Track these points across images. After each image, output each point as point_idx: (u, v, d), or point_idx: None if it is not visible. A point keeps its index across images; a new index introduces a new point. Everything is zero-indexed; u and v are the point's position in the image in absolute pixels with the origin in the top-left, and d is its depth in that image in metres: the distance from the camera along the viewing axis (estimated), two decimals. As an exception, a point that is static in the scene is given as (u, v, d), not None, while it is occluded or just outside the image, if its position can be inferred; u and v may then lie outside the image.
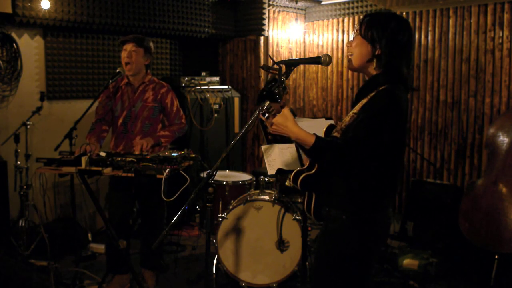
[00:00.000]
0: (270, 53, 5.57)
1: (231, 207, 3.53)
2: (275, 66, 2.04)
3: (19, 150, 3.97)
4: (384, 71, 2.00)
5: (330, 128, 2.17)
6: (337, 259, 2.05)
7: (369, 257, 2.06)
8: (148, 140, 3.25)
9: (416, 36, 4.69)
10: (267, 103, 1.98)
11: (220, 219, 3.46)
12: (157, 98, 3.48)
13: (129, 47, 3.40)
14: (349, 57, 2.11)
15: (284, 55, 5.76)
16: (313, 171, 2.10)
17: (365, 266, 2.07)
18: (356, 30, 2.07)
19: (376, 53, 1.99)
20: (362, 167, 1.94)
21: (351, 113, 2.02)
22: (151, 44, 3.52)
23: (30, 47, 4.35)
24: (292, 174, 2.15)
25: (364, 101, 1.99)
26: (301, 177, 2.11)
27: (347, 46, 2.13)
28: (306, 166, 2.17)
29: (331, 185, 2.05)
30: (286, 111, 1.99)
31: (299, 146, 2.04)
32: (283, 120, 1.97)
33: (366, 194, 1.99)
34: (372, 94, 1.98)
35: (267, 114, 1.99)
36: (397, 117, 1.94)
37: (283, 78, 2.10)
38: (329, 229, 2.08)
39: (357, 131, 1.91)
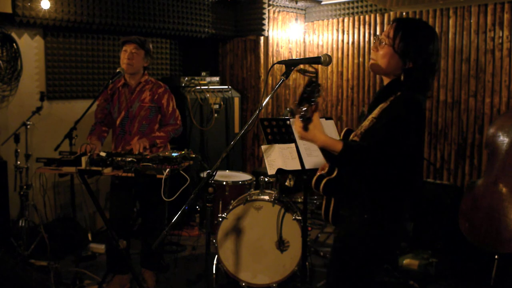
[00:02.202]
0: (270, 53, 5.58)
1: (231, 207, 3.53)
2: (312, 69, 2.02)
3: (19, 150, 3.97)
4: (410, 80, 1.98)
5: (347, 133, 2.18)
6: (354, 259, 2.07)
7: (383, 258, 2.11)
8: (143, 141, 3.25)
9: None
10: (306, 106, 1.95)
11: (220, 219, 3.46)
12: (154, 98, 3.48)
13: (130, 48, 3.40)
14: (372, 61, 2.08)
15: (284, 55, 5.76)
16: (333, 175, 2.12)
17: (377, 266, 2.11)
18: (386, 38, 2.02)
19: (406, 66, 1.97)
20: (385, 170, 1.95)
21: (370, 117, 2.02)
22: (151, 47, 3.52)
23: (30, 47, 4.35)
24: (314, 180, 2.17)
25: (384, 105, 1.99)
26: (323, 183, 2.13)
27: (373, 50, 2.08)
28: (326, 171, 2.18)
29: (352, 188, 2.06)
30: (316, 118, 1.96)
31: (322, 151, 2.02)
32: (312, 128, 1.95)
33: (387, 197, 2.01)
34: (392, 98, 1.98)
35: (304, 118, 1.96)
36: (419, 122, 1.95)
37: (283, 78, 2.10)
38: (348, 231, 2.10)
39: (382, 135, 1.92)
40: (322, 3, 5.61)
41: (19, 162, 3.99)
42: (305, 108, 1.91)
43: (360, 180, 2.03)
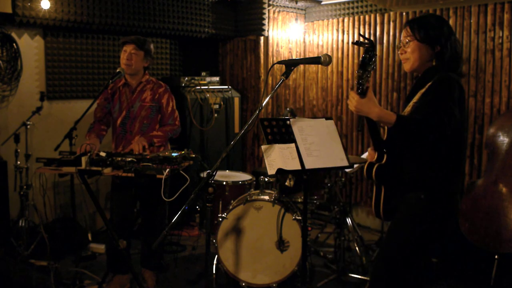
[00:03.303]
0: (270, 53, 5.58)
1: (231, 207, 3.53)
2: (366, 41, 2.09)
3: (19, 150, 3.97)
4: (446, 63, 2.17)
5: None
6: (412, 239, 2.16)
7: (440, 237, 2.20)
8: (141, 140, 3.25)
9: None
10: (366, 72, 2.03)
11: (220, 219, 3.46)
12: (155, 98, 3.49)
13: (129, 48, 3.39)
14: (405, 61, 2.25)
15: (284, 55, 5.76)
16: (383, 161, 2.19)
17: (433, 245, 2.21)
18: (406, 38, 2.22)
19: (436, 51, 2.18)
20: (434, 147, 2.08)
21: (411, 104, 2.17)
22: (152, 47, 3.51)
23: (30, 47, 4.35)
24: (365, 168, 2.25)
25: (423, 90, 2.14)
26: (374, 169, 2.20)
27: (400, 54, 2.27)
28: (375, 159, 2.24)
29: (404, 170, 2.17)
30: (369, 93, 2.09)
31: (371, 132, 2.17)
32: (368, 101, 2.08)
33: (440, 175, 2.12)
34: (430, 83, 2.12)
35: (361, 82, 2.04)
36: (461, 95, 2.09)
37: (283, 78, 2.11)
38: (405, 214, 2.19)
39: (430, 107, 2.03)
40: (322, 3, 5.61)
41: (19, 162, 3.99)
42: (364, 75, 2.02)
43: (412, 160, 2.14)
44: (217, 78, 5.40)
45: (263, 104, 2.25)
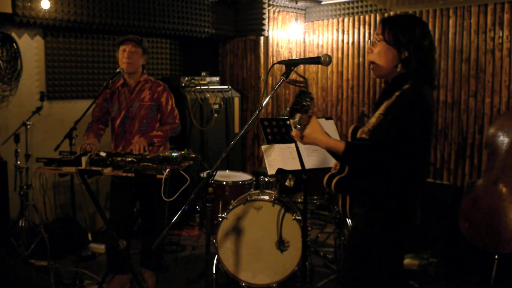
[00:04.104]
0: (270, 53, 5.57)
1: (231, 207, 3.53)
2: (301, 79, 2.05)
3: (19, 150, 3.97)
4: (413, 71, 2.00)
5: (355, 130, 2.19)
6: (367, 257, 2.07)
7: (398, 255, 2.10)
8: (141, 141, 3.25)
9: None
10: (298, 115, 1.99)
11: (220, 219, 3.46)
12: (154, 97, 3.49)
13: (128, 47, 3.40)
14: (372, 65, 2.10)
15: (284, 55, 5.76)
16: (344, 173, 2.13)
17: (394, 263, 2.10)
18: (377, 36, 2.06)
19: (403, 57, 2.00)
20: (391, 168, 1.96)
21: (376, 114, 2.04)
22: (147, 45, 3.55)
23: (30, 47, 4.35)
24: (325, 179, 2.19)
25: (390, 101, 2.00)
26: (334, 181, 2.14)
27: (368, 53, 2.13)
28: (337, 170, 2.19)
29: (362, 185, 2.07)
30: (314, 122, 2.00)
31: (330, 152, 2.06)
32: (312, 132, 2.00)
33: (395, 195, 2.01)
34: (397, 93, 1.99)
35: (298, 126, 2.00)
36: (426, 115, 1.94)
37: (283, 78, 2.11)
38: (360, 227, 2.12)
39: (389, 132, 1.93)
40: (322, 3, 5.61)
41: (19, 162, 3.99)
42: (297, 119, 1.97)
43: (368, 178, 2.04)
44: (217, 78, 5.40)
45: (263, 104, 2.24)
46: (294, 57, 5.80)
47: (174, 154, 2.82)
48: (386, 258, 2.05)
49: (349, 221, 4.18)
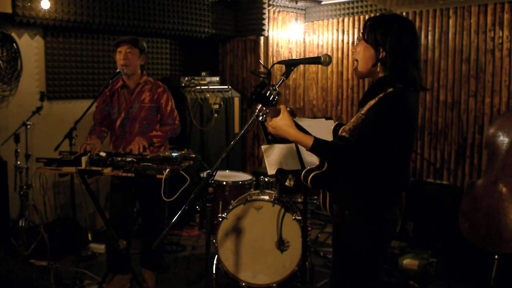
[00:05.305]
0: (270, 53, 5.57)
1: (231, 207, 3.53)
2: (265, 70, 2.07)
3: (19, 150, 3.97)
4: (391, 73, 1.97)
5: (338, 126, 2.17)
6: (347, 254, 2.07)
7: (375, 253, 2.07)
8: (141, 141, 3.25)
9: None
10: (259, 106, 2.01)
11: (220, 219, 3.46)
12: (154, 98, 3.49)
13: (124, 48, 3.40)
14: (355, 63, 2.09)
15: (284, 55, 5.76)
16: (323, 169, 2.12)
17: (372, 262, 2.07)
18: (360, 35, 2.06)
19: (380, 56, 1.98)
20: (367, 166, 1.95)
21: (359, 114, 2.02)
22: (145, 44, 3.53)
23: (30, 47, 4.35)
24: (303, 173, 2.17)
25: (372, 102, 1.98)
26: (311, 176, 2.13)
27: (352, 52, 2.14)
28: (316, 165, 2.18)
29: (338, 183, 2.07)
30: (283, 113, 2.01)
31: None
32: (281, 123, 2.01)
33: (371, 192, 1.99)
34: (381, 95, 1.96)
35: (261, 117, 2.02)
36: (403, 119, 1.92)
37: (283, 78, 2.11)
38: (338, 225, 2.12)
39: (362, 133, 1.92)
40: (322, 3, 5.61)
41: (19, 162, 3.99)
42: (258, 108, 2.01)
43: (343, 176, 2.04)
44: (217, 78, 5.40)
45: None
46: (294, 57, 5.80)
47: (174, 154, 2.82)
48: (362, 253, 2.04)
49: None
